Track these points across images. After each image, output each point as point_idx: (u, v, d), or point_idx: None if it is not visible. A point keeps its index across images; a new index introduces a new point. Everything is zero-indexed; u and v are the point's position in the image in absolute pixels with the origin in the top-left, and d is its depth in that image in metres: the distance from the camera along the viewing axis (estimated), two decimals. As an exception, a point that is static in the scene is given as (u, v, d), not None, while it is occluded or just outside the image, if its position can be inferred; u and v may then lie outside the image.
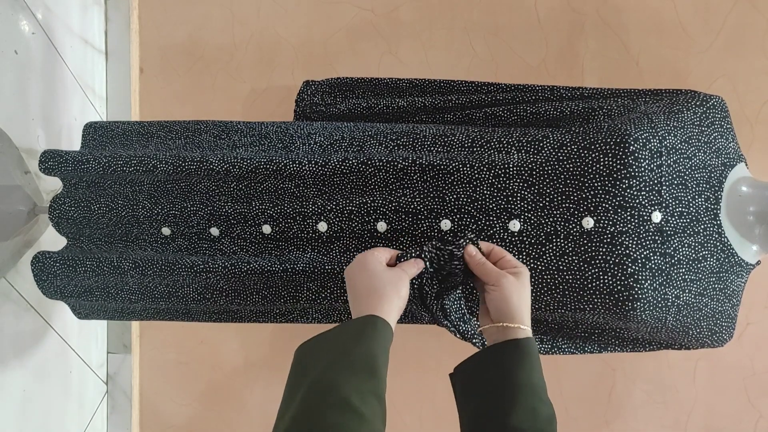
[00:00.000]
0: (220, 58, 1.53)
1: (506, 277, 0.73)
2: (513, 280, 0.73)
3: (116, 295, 1.02)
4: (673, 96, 0.94)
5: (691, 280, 0.81)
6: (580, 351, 0.94)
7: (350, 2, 1.48)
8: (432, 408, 1.55)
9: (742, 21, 1.35)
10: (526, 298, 0.73)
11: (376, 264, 0.74)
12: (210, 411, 1.64)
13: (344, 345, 0.63)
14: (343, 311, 0.98)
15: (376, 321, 0.66)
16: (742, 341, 1.39)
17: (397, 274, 0.73)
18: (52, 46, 1.34)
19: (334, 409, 0.56)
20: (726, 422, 1.44)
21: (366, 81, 1.12)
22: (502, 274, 0.73)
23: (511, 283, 0.72)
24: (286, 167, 0.91)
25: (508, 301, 0.71)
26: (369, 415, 0.57)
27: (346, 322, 0.67)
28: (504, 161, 0.85)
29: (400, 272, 0.74)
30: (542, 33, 1.43)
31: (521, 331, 0.70)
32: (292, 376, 0.64)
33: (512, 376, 0.66)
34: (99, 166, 0.97)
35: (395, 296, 0.70)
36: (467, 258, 0.77)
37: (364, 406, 0.57)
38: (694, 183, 0.82)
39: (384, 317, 0.67)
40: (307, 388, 0.59)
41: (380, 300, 0.69)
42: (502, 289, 0.72)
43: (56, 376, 1.36)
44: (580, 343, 0.94)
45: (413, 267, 0.76)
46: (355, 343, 0.63)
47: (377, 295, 0.70)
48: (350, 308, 0.73)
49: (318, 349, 0.65)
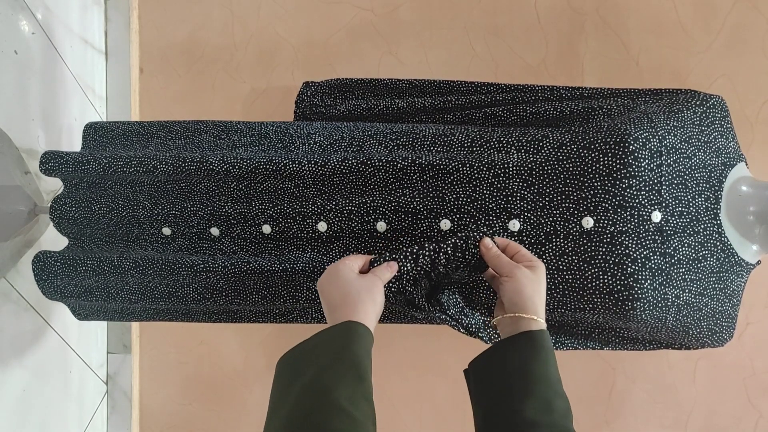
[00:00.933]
0: (220, 58, 1.53)
1: (520, 269, 0.72)
2: (527, 272, 0.72)
3: (116, 295, 1.02)
4: (672, 96, 0.94)
5: (691, 279, 0.81)
6: (582, 347, 0.94)
7: (350, 2, 1.48)
8: (432, 408, 1.55)
9: (742, 21, 1.35)
10: (541, 291, 0.73)
11: (347, 272, 0.74)
12: (210, 411, 1.64)
13: (330, 351, 0.63)
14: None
15: (356, 326, 0.66)
16: (742, 341, 1.39)
17: (370, 281, 0.73)
18: (52, 46, 1.34)
19: (327, 414, 0.56)
20: (726, 422, 1.44)
21: (366, 82, 1.12)
22: (517, 266, 0.73)
23: (525, 275, 0.72)
24: (286, 167, 0.91)
25: (521, 292, 0.71)
26: (361, 418, 0.57)
27: (325, 330, 0.67)
28: (504, 161, 0.85)
29: (373, 278, 0.73)
30: (542, 33, 1.43)
31: (535, 322, 0.70)
32: (278, 385, 0.63)
33: (527, 367, 0.66)
34: (99, 166, 0.97)
35: (370, 302, 0.70)
36: (483, 250, 0.77)
37: (356, 410, 0.57)
38: (694, 183, 0.82)
39: (362, 322, 0.67)
40: (297, 396, 0.59)
41: (355, 306, 0.69)
42: (516, 281, 0.72)
43: (56, 376, 1.36)
44: (581, 339, 0.94)
45: (387, 271, 0.76)
46: (341, 349, 0.63)
47: (351, 301, 0.69)
48: (326, 318, 0.72)
49: (301, 358, 0.64)
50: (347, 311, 0.68)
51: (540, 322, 0.70)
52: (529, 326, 0.70)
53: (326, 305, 0.73)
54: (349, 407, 0.57)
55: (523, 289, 0.71)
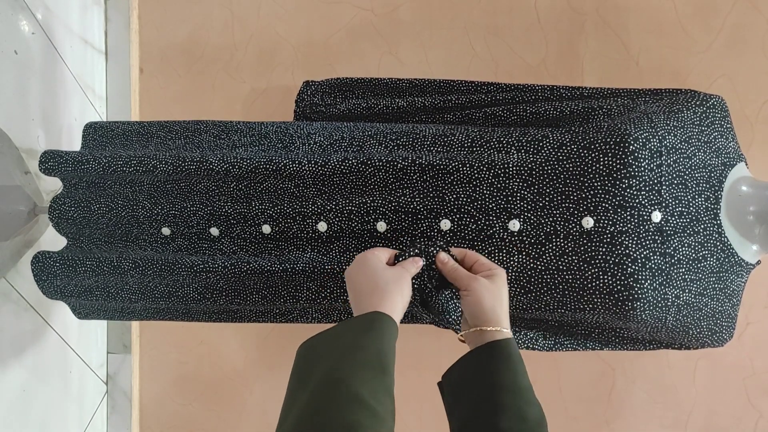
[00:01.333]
0: (220, 58, 1.53)
1: (477, 280, 0.72)
2: (485, 283, 0.72)
3: (116, 295, 1.02)
4: (672, 96, 0.93)
5: (691, 279, 0.81)
6: (582, 347, 0.94)
7: (350, 2, 1.48)
8: (432, 408, 1.55)
9: (742, 21, 1.35)
10: (502, 299, 0.72)
11: (376, 262, 0.73)
12: (210, 411, 1.64)
13: (353, 341, 0.62)
14: (343, 311, 0.98)
15: (383, 317, 0.65)
16: (742, 341, 1.39)
17: (399, 272, 0.73)
18: (52, 46, 1.34)
19: (347, 405, 0.55)
20: (726, 422, 1.44)
21: (366, 81, 1.12)
22: (473, 278, 0.72)
23: (482, 285, 0.71)
24: (286, 167, 0.91)
25: (480, 304, 0.70)
26: (382, 413, 0.56)
27: (351, 319, 0.66)
28: (504, 161, 0.85)
29: (401, 270, 0.73)
30: (542, 33, 1.43)
31: (498, 333, 0.69)
32: (297, 371, 0.62)
33: (494, 379, 0.65)
34: (99, 166, 0.97)
35: (398, 294, 0.70)
36: (439, 265, 0.77)
37: (377, 404, 0.56)
38: (694, 183, 0.82)
39: (389, 314, 0.66)
40: (318, 383, 0.57)
41: (383, 297, 0.68)
42: (474, 293, 0.71)
43: (56, 376, 1.36)
44: (581, 340, 0.94)
45: (413, 265, 0.76)
46: (364, 339, 0.62)
47: (380, 292, 0.69)
48: (352, 308, 0.72)
49: (325, 345, 0.63)
50: (375, 301, 0.68)
51: (504, 332, 0.70)
52: (493, 337, 0.69)
53: (353, 294, 0.72)
54: (370, 400, 0.55)
55: (482, 301, 0.70)
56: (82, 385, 1.49)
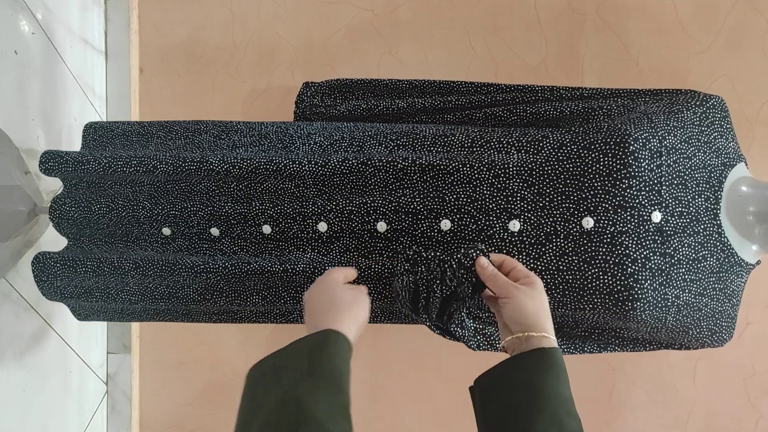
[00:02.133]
0: (220, 58, 1.53)
1: (518, 288, 0.71)
2: (526, 290, 0.71)
3: (116, 296, 1.02)
4: (672, 96, 0.93)
5: (691, 280, 0.81)
6: (579, 351, 0.94)
7: (350, 2, 1.48)
8: (432, 408, 1.55)
9: (742, 21, 1.35)
10: (544, 306, 0.71)
11: (334, 282, 0.73)
12: (210, 411, 1.64)
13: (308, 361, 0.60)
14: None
15: (337, 335, 0.63)
16: (742, 341, 1.39)
17: (356, 293, 0.72)
18: (52, 47, 1.34)
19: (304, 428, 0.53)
20: (726, 422, 1.44)
21: (366, 82, 1.11)
22: (514, 286, 0.72)
23: (524, 293, 0.71)
24: (286, 167, 0.91)
25: (524, 311, 0.69)
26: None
27: (303, 337, 0.64)
28: (504, 161, 0.85)
29: (359, 293, 0.73)
30: (542, 33, 1.43)
31: (546, 339, 0.68)
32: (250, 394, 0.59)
33: (539, 384, 0.64)
34: (99, 166, 0.97)
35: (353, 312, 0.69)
36: (479, 269, 0.76)
37: (334, 425, 0.54)
38: (694, 183, 0.82)
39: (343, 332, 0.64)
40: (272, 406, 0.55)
41: (336, 315, 0.67)
42: (516, 301, 0.70)
43: (56, 376, 1.36)
44: (579, 342, 0.94)
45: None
46: (319, 358, 0.60)
47: (335, 310, 0.68)
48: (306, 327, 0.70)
49: (278, 366, 0.61)
50: (329, 319, 0.67)
51: (551, 339, 0.69)
52: (541, 343, 0.68)
53: (308, 314, 0.71)
54: (327, 422, 0.53)
55: (524, 308, 0.69)
56: (82, 385, 1.49)
